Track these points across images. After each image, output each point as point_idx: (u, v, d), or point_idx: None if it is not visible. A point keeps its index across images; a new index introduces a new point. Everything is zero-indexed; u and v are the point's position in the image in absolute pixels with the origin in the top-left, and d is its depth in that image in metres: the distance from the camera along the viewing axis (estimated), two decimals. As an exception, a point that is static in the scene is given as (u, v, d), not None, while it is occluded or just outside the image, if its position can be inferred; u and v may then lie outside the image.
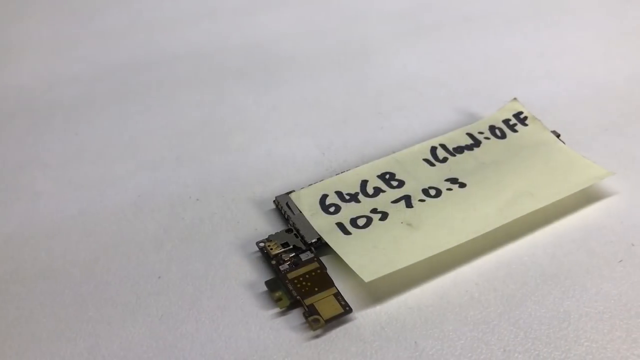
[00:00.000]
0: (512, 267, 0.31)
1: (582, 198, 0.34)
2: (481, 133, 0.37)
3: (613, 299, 0.30)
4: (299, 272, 0.30)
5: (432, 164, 0.35)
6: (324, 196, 0.33)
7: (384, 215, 0.32)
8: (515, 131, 0.37)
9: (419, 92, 0.42)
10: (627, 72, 0.44)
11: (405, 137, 0.39)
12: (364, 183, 0.34)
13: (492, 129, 0.37)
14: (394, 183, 0.34)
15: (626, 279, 0.30)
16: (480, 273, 0.31)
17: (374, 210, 0.32)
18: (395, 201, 0.33)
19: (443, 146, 0.36)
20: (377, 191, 0.34)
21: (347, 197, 0.33)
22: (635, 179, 0.36)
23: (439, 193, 0.33)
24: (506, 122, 0.38)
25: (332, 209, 0.33)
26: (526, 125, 0.37)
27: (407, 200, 0.33)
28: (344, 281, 0.30)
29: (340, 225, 0.32)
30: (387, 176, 0.35)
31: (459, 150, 0.36)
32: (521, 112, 0.38)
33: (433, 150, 0.36)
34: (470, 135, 0.37)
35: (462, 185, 0.34)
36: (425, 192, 0.33)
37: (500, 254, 0.32)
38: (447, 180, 0.34)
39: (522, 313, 0.29)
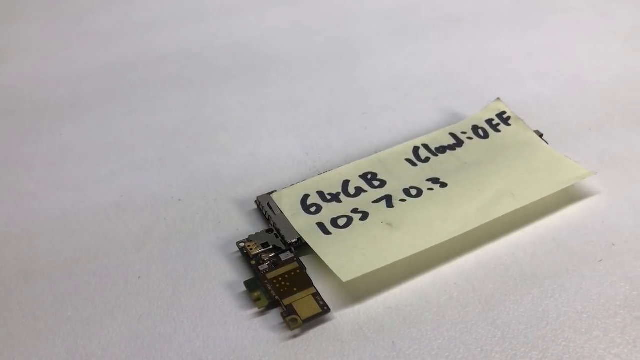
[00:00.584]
0: (492, 267, 0.31)
1: (564, 197, 0.34)
2: (464, 133, 0.37)
3: (592, 299, 0.30)
4: (278, 272, 0.30)
5: (414, 164, 0.35)
6: (306, 196, 0.33)
7: (365, 215, 0.32)
8: (498, 131, 0.37)
9: (404, 92, 0.42)
10: (612, 72, 0.44)
11: (389, 137, 0.39)
12: (345, 183, 0.34)
13: (475, 128, 0.37)
14: (376, 183, 0.34)
15: (606, 278, 0.31)
16: (460, 273, 0.31)
17: (355, 210, 0.33)
18: (376, 201, 0.33)
19: (425, 146, 0.36)
20: (359, 191, 0.34)
21: (329, 197, 0.33)
22: (617, 179, 0.36)
23: (420, 193, 0.33)
24: (489, 122, 0.38)
25: (313, 209, 0.33)
26: (509, 125, 0.37)
27: (388, 200, 0.33)
28: (323, 281, 0.30)
29: (320, 225, 0.32)
30: (369, 176, 0.35)
31: (442, 150, 0.36)
32: (504, 112, 0.38)
33: (415, 150, 0.36)
34: (453, 135, 0.37)
35: (444, 185, 0.34)
36: (407, 192, 0.33)
37: (480, 254, 0.32)
38: (428, 180, 0.34)
39: (500, 313, 0.29)
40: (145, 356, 0.28)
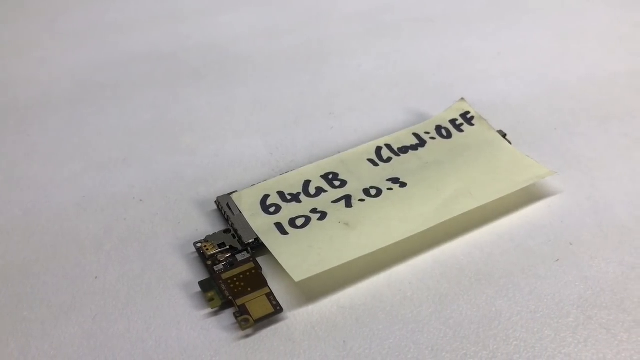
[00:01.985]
0: (448, 266, 0.31)
1: (525, 197, 0.34)
2: (427, 133, 0.37)
3: (546, 298, 0.30)
4: (233, 272, 0.30)
5: (375, 164, 0.35)
6: (266, 196, 0.34)
7: (323, 215, 0.32)
8: (462, 131, 0.37)
9: (372, 92, 0.43)
10: (581, 72, 0.44)
11: (354, 138, 0.39)
12: (306, 183, 0.34)
13: (438, 128, 0.37)
14: (337, 183, 0.34)
15: (561, 278, 0.31)
16: (416, 272, 0.31)
17: (314, 210, 0.33)
18: (336, 201, 0.33)
19: (388, 146, 0.36)
20: (319, 191, 0.34)
21: (289, 197, 0.34)
22: (579, 178, 0.36)
23: (379, 193, 0.33)
24: (453, 122, 0.38)
25: (272, 209, 0.33)
26: (472, 125, 0.38)
27: (348, 200, 0.33)
28: (279, 282, 0.30)
29: (278, 226, 0.32)
30: (330, 176, 0.35)
31: (404, 150, 0.36)
32: (468, 112, 0.38)
33: (378, 150, 0.36)
34: (416, 135, 0.37)
35: (403, 185, 0.34)
36: (366, 192, 0.34)
37: (436, 254, 0.32)
38: (388, 180, 0.34)
39: (453, 312, 0.29)
40: (97, 356, 0.28)
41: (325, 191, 0.34)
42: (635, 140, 0.38)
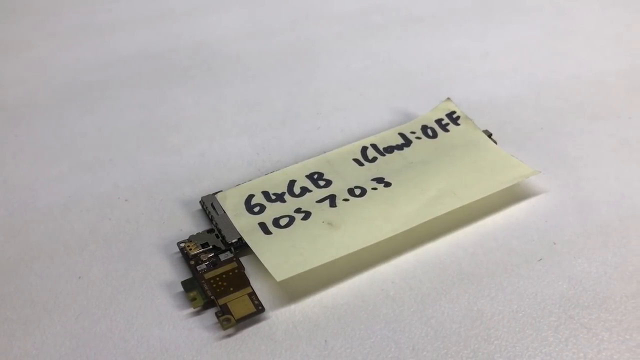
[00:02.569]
0: (431, 265, 0.31)
1: (510, 197, 0.34)
2: (413, 133, 0.37)
3: (528, 298, 0.30)
4: (216, 272, 0.30)
5: (361, 164, 0.35)
6: (250, 196, 0.34)
7: (307, 215, 0.32)
8: (447, 131, 0.37)
9: (360, 92, 0.43)
10: (569, 71, 0.44)
11: (341, 137, 0.39)
12: (291, 183, 0.34)
13: (424, 128, 0.37)
14: (322, 183, 0.34)
15: (543, 277, 0.31)
16: (399, 272, 0.31)
17: (298, 210, 0.33)
18: (320, 201, 0.33)
19: (374, 146, 0.36)
20: (304, 191, 0.34)
21: (273, 197, 0.34)
22: (564, 178, 0.36)
23: (363, 192, 0.33)
24: (439, 121, 0.38)
25: (256, 209, 0.33)
26: (458, 124, 0.38)
27: (332, 199, 0.33)
28: (262, 281, 0.31)
29: (262, 225, 0.32)
30: (316, 176, 0.35)
31: (389, 150, 0.36)
32: (454, 112, 0.38)
33: (364, 150, 0.36)
34: (402, 135, 0.37)
35: (388, 184, 0.34)
36: (351, 191, 0.34)
37: (420, 253, 0.32)
38: (373, 179, 0.34)
39: (434, 312, 0.29)
40: (79, 355, 0.28)
41: (310, 191, 0.34)
42: (621, 140, 0.38)
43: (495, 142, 0.37)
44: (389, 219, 0.32)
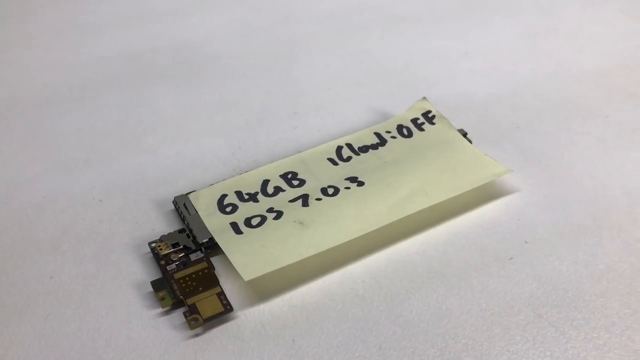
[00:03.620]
0: (401, 264, 0.31)
1: (484, 195, 0.35)
2: (388, 132, 0.37)
3: (497, 296, 0.30)
4: (186, 272, 0.30)
5: (335, 163, 0.35)
6: (223, 196, 0.34)
7: (279, 214, 0.32)
8: (422, 130, 0.37)
9: (337, 92, 0.43)
10: (548, 70, 0.44)
11: (317, 137, 0.39)
12: (265, 183, 0.34)
13: (399, 128, 0.37)
14: (295, 182, 0.34)
15: (513, 276, 0.31)
16: (369, 271, 0.31)
17: (270, 210, 0.33)
18: (293, 200, 0.33)
19: (349, 145, 0.36)
20: (277, 191, 0.34)
21: (246, 197, 0.34)
22: (538, 177, 0.36)
23: (336, 192, 0.33)
24: (414, 121, 0.38)
25: (229, 209, 0.33)
26: (434, 124, 0.38)
27: (305, 199, 0.33)
28: (232, 281, 0.31)
29: (233, 225, 0.32)
30: (289, 175, 0.35)
31: (364, 149, 0.36)
32: (429, 111, 0.38)
33: (339, 149, 0.36)
34: (377, 134, 0.37)
35: (361, 183, 0.34)
36: (324, 191, 0.34)
37: (391, 252, 0.32)
38: (347, 179, 0.34)
39: (403, 310, 0.29)
40: (47, 355, 0.28)
41: (284, 190, 0.34)
42: (597, 139, 0.38)
43: (470, 141, 0.37)
44: (360, 218, 0.32)
